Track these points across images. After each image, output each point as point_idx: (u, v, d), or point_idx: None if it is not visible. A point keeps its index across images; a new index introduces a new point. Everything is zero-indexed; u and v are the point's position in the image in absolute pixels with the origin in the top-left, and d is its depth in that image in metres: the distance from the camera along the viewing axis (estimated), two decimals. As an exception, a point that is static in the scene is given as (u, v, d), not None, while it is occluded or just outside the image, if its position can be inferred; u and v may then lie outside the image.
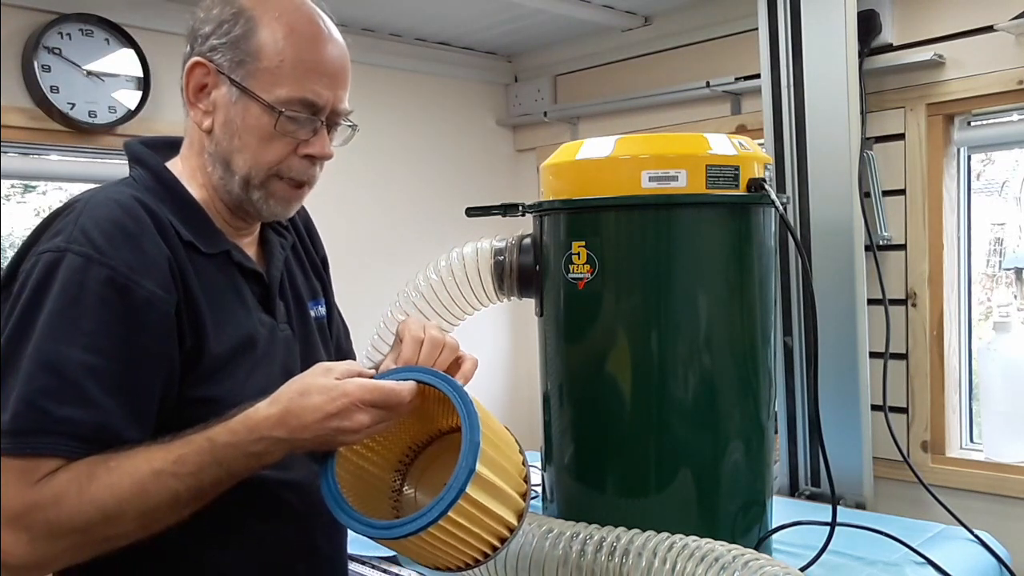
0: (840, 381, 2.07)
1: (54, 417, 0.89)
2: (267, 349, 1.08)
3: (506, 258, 1.49)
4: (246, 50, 1.02)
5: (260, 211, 1.09)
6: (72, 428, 0.89)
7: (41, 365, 0.90)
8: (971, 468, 2.15)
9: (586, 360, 1.43)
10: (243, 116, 1.03)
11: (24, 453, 0.88)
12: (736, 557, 1.14)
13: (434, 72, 2.96)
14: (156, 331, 0.95)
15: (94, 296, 0.92)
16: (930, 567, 1.50)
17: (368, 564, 1.59)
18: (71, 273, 0.92)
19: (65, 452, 0.89)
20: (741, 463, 1.41)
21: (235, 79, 1.02)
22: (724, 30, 2.54)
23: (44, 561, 0.90)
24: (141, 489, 0.90)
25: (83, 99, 2.14)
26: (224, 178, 1.06)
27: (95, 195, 0.99)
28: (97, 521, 0.89)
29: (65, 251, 0.93)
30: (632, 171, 1.33)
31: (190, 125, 1.08)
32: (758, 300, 1.41)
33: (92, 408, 0.90)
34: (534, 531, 1.32)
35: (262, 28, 1.02)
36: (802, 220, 2.11)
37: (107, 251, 0.93)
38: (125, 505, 0.90)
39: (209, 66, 1.03)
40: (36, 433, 0.88)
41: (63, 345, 0.90)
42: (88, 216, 0.95)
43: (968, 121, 2.18)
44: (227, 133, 1.04)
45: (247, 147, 1.04)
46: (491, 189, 3.07)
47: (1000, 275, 2.37)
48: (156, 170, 1.07)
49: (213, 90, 1.04)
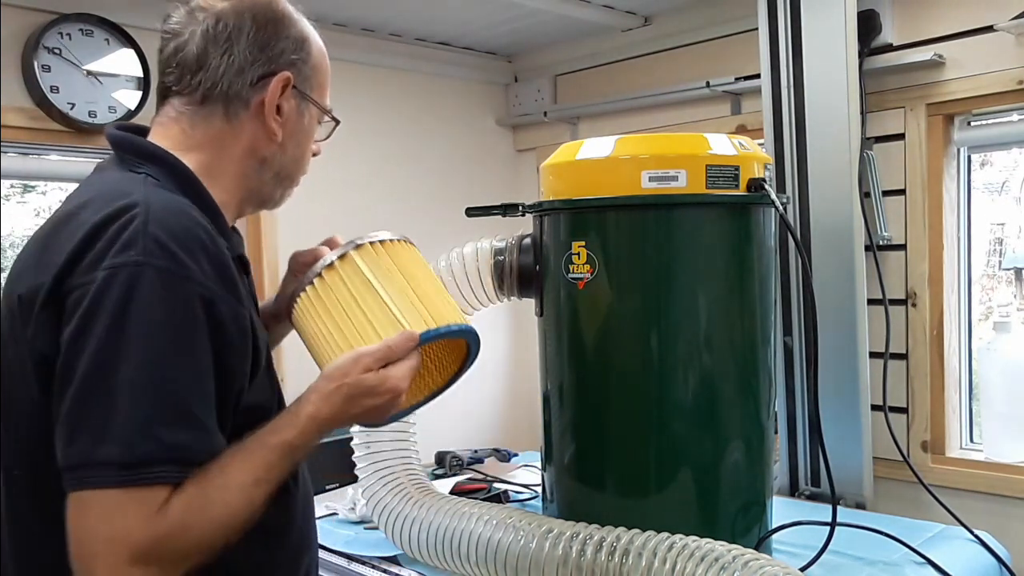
0: (840, 381, 2.07)
1: (167, 444, 0.86)
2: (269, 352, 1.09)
3: (506, 258, 1.49)
4: (311, 67, 1.10)
5: (280, 203, 1.15)
6: (185, 454, 0.87)
7: (145, 390, 0.86)
8: (971, 468, 2.15)
9: (586, 360, 1.43)
10: (308, 127, 1.11)
11: (140, 483, 0.84)
12: (736, 557, 1.14)
13: (434, 72, 2.96)
14: (238, 345, 0.94)
15: (183, 313, 0.88)
16: (930, 567, 1.50)
17: (368, 564, 1.59)
18: (157, 290, 0.87)
19: (178, 479, 0.87)
20: (741, 463, 1.41)
21: (308, 93, 1.09)
22: (724, 30, 2.54)
23: None
24: (248, 501, 0.91)
25: (83, 99, 2.14)
26: (270, 183, 1.10)
27: (152, 201, 0.93)
28: (219, 538, 0.90)
29: (144, 265, 0.87)
30: (632, 171, 1.33)
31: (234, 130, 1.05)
32: (758, 300, 1.41)
33: (201, 432, 0.89)
34: (534, 531, 1.32)
35: (314, 49, 1.11)
36: (802, 220, 2.11)
37: (189, 265, 0.89)
38: (238, 519, 0.91)
39: (292, 80, 1.07)
40: (153, 463, 0.85)
41: (163, 368, 0.87)
42: (159, 226, 0.90)
43: (968, 121, 2.18)
44: (293, 142, 1.09)
45: (304, 154, 1.12)
46: (491, 189, 3.06)
47: (1000, 275, 2.37)
48: (182, 171, 1.02)
49: (284, 103, 1.07)
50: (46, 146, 2.17)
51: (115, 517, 0.84)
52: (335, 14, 2.59)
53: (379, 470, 1.55)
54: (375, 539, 1.66)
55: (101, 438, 0.84)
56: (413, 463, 1.58)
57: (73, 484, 0.85)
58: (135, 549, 0.84)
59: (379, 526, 1.57)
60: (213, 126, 1.05)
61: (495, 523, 1.37)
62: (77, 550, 0.85)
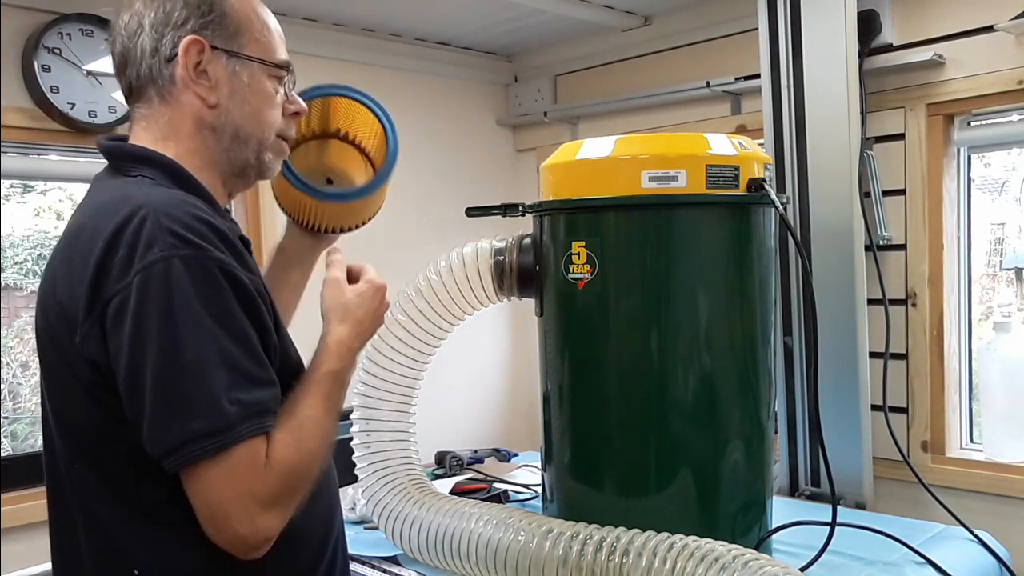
0: (840, 381, 2.07)
1: (245, 403, 0.96)
2: None
3: (506, 258, 1.49)
4: (235, 24, 1.10)
5: (266, 171, 1.18)
6: (263, 407, 0.98)
7: (210, 365, 0.95)
8: (971, 468, 2.15)
9: (586, 360, 1.43)
10: (250, 83, 1.11)
11: (237, 443, 0.94)
12: (736, 557, 1.14)
13: (434, 72, 2.96)
14: (262, 307, 1.03)
15: (217, 290, 0.97)
16: (930, 567, 1.50)
17: (368, 564, 1.59)
18: (185, 275, 0.95)
19: (264, 430, 0.98)
20: (741, 463, 1.41)
21: (233, 51, 1.09)
22: (724, 30, 2.54)
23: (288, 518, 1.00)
24: (325, 430, 1.05)
25: (83, 99, 2.14)
26: (232, 148, 1.12)
27: (153, 201, 1.00)
28: (315, 468, 1.03)
29: (170, 257, 0.95)
30: (632, 171, 1.33)
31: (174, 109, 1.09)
32: (758, 300, 1.41)
33: (266, 384, 0.99)
34: (534, 531, 1.32)
35: (233, 4, 1.11)
36: (802, 220, 2.11)
37: (204, 246, 0.97)
38: (324, 447, 1.04)
39: (204, 43, 1.07)
40: (240, 423, 0.95)
41: (217, 341, 0.96)
42: (168, 220, 0.97)
43: (968, 121, 2.18)
44: (236, 102, 1.10)
45: (257, 112, 1.12)
46: (491, 189, 3.06)
47: (1000, 275, 2.37)
48: (170, 166, 1.08)
49: (208, 66, 1.08)
50: (46, 146, 2.17)
51: (235, 481, 0.94)
52: (335, 14, 2.60)
53: (379, 470, 1.55)
54: (375, 539, 1.66)
55: (191, 417, 0.93)
56: (413, 463, 1.58)
57: (182, 463, 0.94)
58: (260, 498, 0.96)
59: (379, 526, 1.57)
60: (158, 113, 1.10)
61: (495, 523, 1.37)
62: (209, 518, 0.95)
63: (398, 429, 1.56)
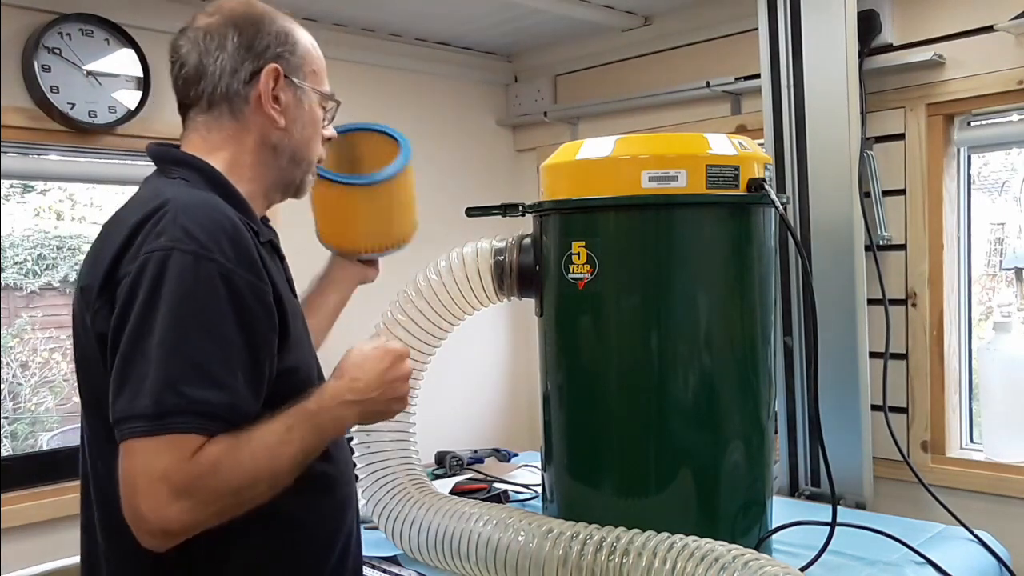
0: (840, 381, 2.07)
1: (191, 399, 0.99)
2: (304, 324, 1.24)
3: (506, 258, 1.49)
4: (302, 56, 1.22)
5: (303, 190, 1.29)
6: (207, 408, 1.00)
7: (171, 354, 1.00)
8: (971, 468, 2.14)
9: (586, 360, 1.43)
10: (309, 111, 1.23)
11: (169, 431, 0.98)
12: (736, 557, 1.14)
13: (434, 72, 2.96)
14: (259, 316, 1.07)
15: (205, 287, 1.02)
16: (930, 567, 1.50)
17: (368, 564, 1.59)
18: (181, 269, 1.02)
19: (203, 430, 1.00)
20: (741, 463, 1.41)
21: (301, 80, 1.22)
22: (724, 30, 2.54)
23: (198, 526, 1.01)
24: (271, 455, 1.05)
25: (83, 99, 2.14)
26: (287, 167, 1.23)
27: (177, 198, 1.08)
28: (245, 485, 1.03)
29: (172, 249, 1.02)
30: (632, 171, 1.33)
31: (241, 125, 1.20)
32: (758, 300, 1.41)
33: (221, 389, 1.02)
34: (534, 531, 1.32)
35: (300, 37, 1.23)
36: (802, 220, 2.11)
37: (210, 247, 1.03)
38: (262, 471, 1.04)
39: (280, 71, 1.19)
40: (180, 414, 0.99)
41: (187, 335, 1.01)
42: (186, 216, 1.05)
43: (968, 121, 2.18)
44: (298, 127, 1.22)
45: (311, 138, 1.25)
46: (491, 189, 3.06)
47: (1000, 275, 2.37)
48: (209, 171, 1.17)
49: (280, 92, 1.20)
50: (46, 146, 2.17)
51: (153, 460, 0.98)
52: (335, 14, 2.59)
53: (379, 470, 1.55)
54: (375, 539, 1.66)
55: (137, 395, 0.99)
56: (413, 463, 1.58)
57: (120, 436, 0.99)
58: (173, 486, 0.98)
59: (379, 526, 1.57)
60: (225, 126, 1.19)
61: (495, 523, 1.37)
62: (125, 492, 0.99)
63: (398, 429, 1.56)
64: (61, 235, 2.90)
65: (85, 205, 2.98)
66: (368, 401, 1.15)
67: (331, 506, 1.22)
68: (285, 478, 1.07)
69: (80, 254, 3.41)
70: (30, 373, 2.56)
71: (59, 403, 3.03)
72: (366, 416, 1.17)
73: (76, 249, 2.88)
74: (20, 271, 2.58)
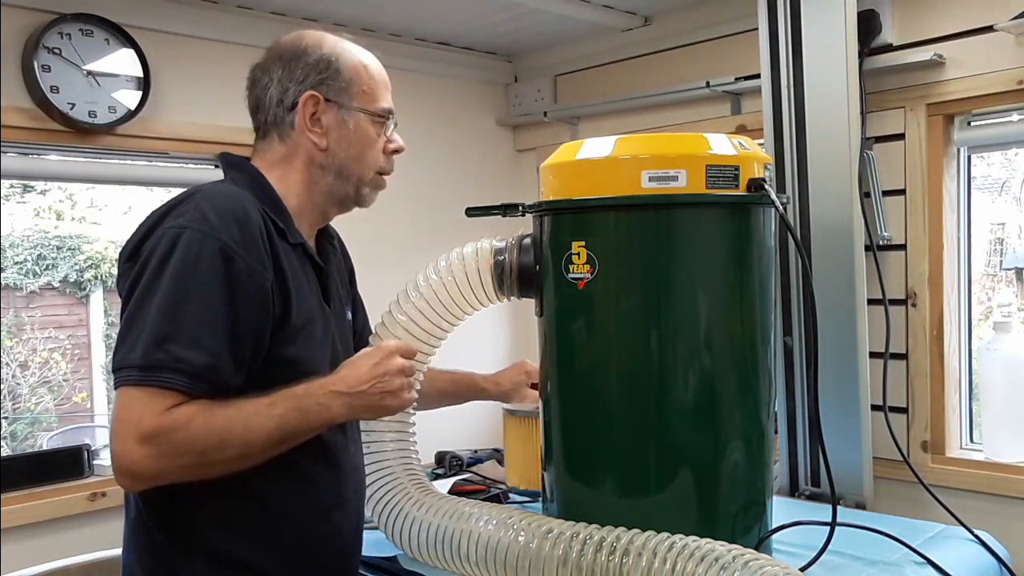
0: (840, 381, 2.07)
1: (175, 356, 1.12)
2: (325, 330, 1.34)
3: (506, 258, 1.49)
4: (346, 79, 1.34)
5: (364, 202, 1.42)
6: (188, 367, 1.12)
7: (165, 315, 1.13)
8: (971, 468, 2.14)
9: (586, 360, 1.43)
10: (355, 129, 1.35)
11: (152, 384, 1.11)
12: (736, 557, 1.14)
13: (434, 72, 2.96)
14: (253, 296, 1.18)
15: (207, 263, 1.15)
16: (930, 567, 1.50)
17: (368, 564, 1.59)
18: (189, 244, 1.15)
19: (183, 386, 1.12)
20: (741, 463, 1.41)
21: (343, 103, 1.33)
22: (724, 30, 2.54)
23: (163, 474, 1.13)
24: (245, 424, 1.15)
25: (83, 99, 2.14)
26: (335, 183, 1.36)
27: (209, 188, 1.24)
28: (212, 446, 1.13)
29: (186, 228, 1.17)
30: (632, 171, 1.33)
31: (290, 147, 1.34)
32: (758, 300, 1.41)
33: (204, 352, 1.13)
34: (534, 531, 1.32)
35: (348, 63, 1.35)
36: (802, 220, 2.11)
37: (219, 228, 1.17)
38: (233, 436, 1.14)
39: (319, 97, 1.32)
40: (162, 369, 1.11)
41: (182, 301, 1.13)
42: (205, 202, 1.19)
43: (968, 121, 2.18)
44: (343, 146, 1.34)
45: (360, 155, 1.36)
46: (491, 189, 3.06)
47: (1000, 275, 2.37)
48: (253, 174, 1.32)
49: (322, 116, 1.33)
50: (46, 146, 2.17)
51: (132, 406, 1.11)
52: (335, 14, 2.59)
53: (379, 470, 1.55)
54: (375, 539, 1.66)
55: (133, 348, 1.13)
56: (413, 463, 1.58)
57: (115, 383, 1.13)
58: (143, 432, 1.10)
59: (379, 526, 1.57)
60: (276, 149, 1.35)
61: (495, 523, 1.37)
62: (110, 433, 1.13)
63: (398, 429, 1.56)
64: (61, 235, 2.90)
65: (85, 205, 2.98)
66: (357, 394, 1.22)
67: (309, 500, 1.31)
68: (258, 449, 1.17)
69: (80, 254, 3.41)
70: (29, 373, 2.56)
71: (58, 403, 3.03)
72: (357, 410, 1.24)
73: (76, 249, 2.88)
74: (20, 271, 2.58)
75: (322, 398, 1.20)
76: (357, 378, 1.23)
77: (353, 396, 1.22)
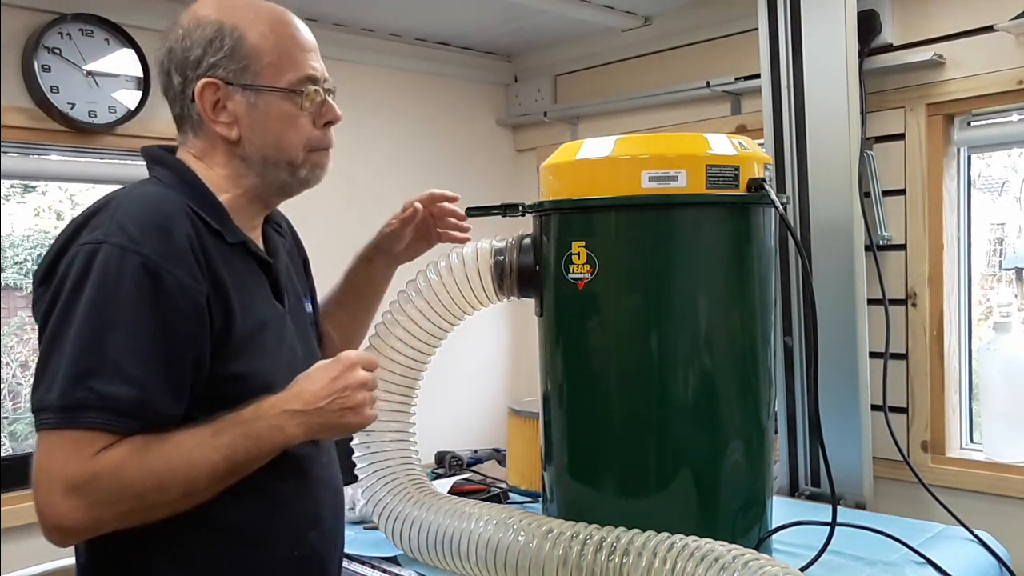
0: (840, 381, 2.07)
1: (99, 394, 0.98)
2: (279, 334, 1.19)
3: (506, 258, 1.49)
4: (245, 55, 1.13)
5: (308, 183, 1.21)
6: (116, 404, 0.99)
7: (85, 347, 0.99)
8: (971, 468, 2.14)
9: (586, 360, 1.43)
10: (267, 111, 1.15)
11: (75, 426, 0.98)
12: (736, 557, 1.14)
13: (434, 72, 2.96)
14: (186, 314, 1.04)
15: (129, 282, 1.01)
16: (930, 567, 1.50)
17: (368, 564, 1.59)
18: (108, 262, 1.01)
19: (111, 427, 0.99)
20: (741, 463, 1.41)
21: (247, 83, 1.13)
22: (724, 30, 2.53)
23: (97, 526, 1.01)
24: (187, 460, 1.02)
25: (83, 99, 2.14)
26: (264, 172, 1.18)
27: (128, 192, 1.09)
28: (151, 488, 1.01)
29: (102, 243, 1.02)
30: (632, 171, 1.33)
31: (206, 141, 1.17)
32: (758, 300, 1.41)
33: (132, 385, 1.00)
34: (534, 531, 1.32)
35: (247, 32, 1.13)
36: (802, 220, 2.11)
37: (140, 241, 1.02)
38: (174, 474, 1.01)
39: (218, 83, 1.13)
40: (84, 409, 0.98)
41: (104, 328, 1.00)
42: (122, 211, 1.05)
43: (968, 121, 2.18)
44: (257, 132, 1.15)
45: (280, 136, 1.16)
46: (491, 189, 3.06)
47: (1000, 275, 2.37)
48: (179, 169, 1.16)
49: (227, 102, 1.14)
50: (46, 146, 2.17)
51: (55, 454, 0.98)
52: (335, 14, 2.59)
53: (379, 470, 1.55)
54: (375, 539, 1.66)
55: (50, 387, 0.99)
56: (413, 463, 1.58)
57: (36, 426, 1.00)
58: (68, 482, 0.97)
59: (379, 526, 1.56)
60: (195, 144, 1.19)
61: (495, 523, 1.37)
62: (33, 484, 0.99)
63: (398, 429, 1.56)
64: (61, 235, 2.90)
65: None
66: (315, 412, 1.07)
67: (281, 523, 1.16)
68: (204, 485, 1.03)
69: (80, 254, 3.41)
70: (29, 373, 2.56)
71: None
72: (315, 429, 1.09)
73: (76, 249, 2.87)
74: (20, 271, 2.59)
75: (274, 419, 1.05)
76: (314, 394, 1.07)
77: (310, 414, 1.07)
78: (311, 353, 1.26)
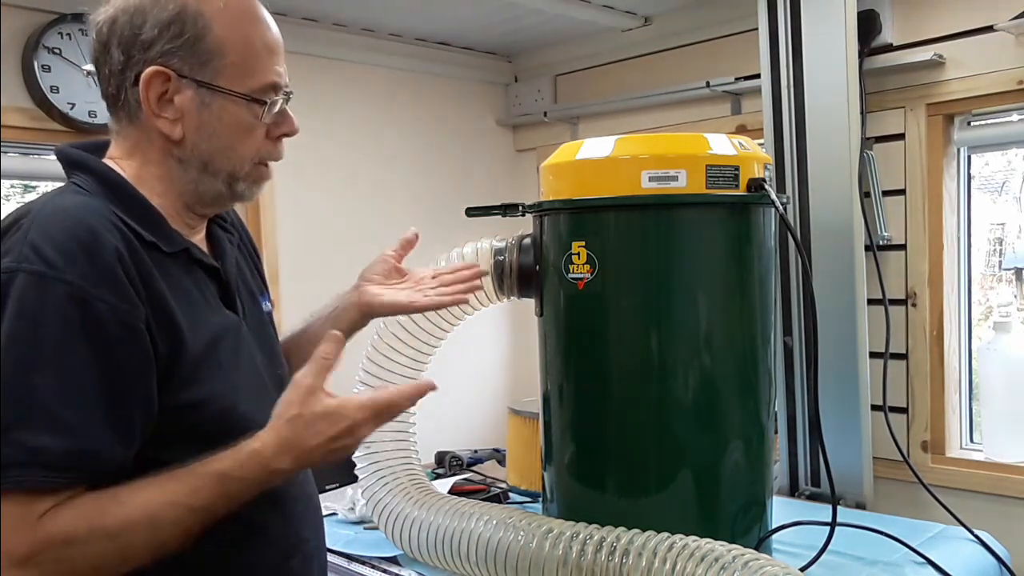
0: (840, 381, 2.07)
1: (28, 448, 0.84)
2: (235, 345, 1.06)
3: (506, 258, 1.49)
4: (207, 49, 0.99)
5: (241, 198, 1.08)
6: (45, 458, 0.85)
7: (9, 395, 0.85)
8: (971, 468, 2.14)
9: (586, 360, 1.43)
10: (220, 115, 1.01)
11: (8, 488, 0.84)
12: (736, 557, 1.14)
13: (434, 72, 2.96)
14: (124, 344, 0.90)
15: (54, 315, 0.87)
16: (930, 567, 1.50)
17: (368, 564, 1.59)
18: (26, 293, 0.86)
19: (47, 483, 0.85)
20: (741, 463, 1.41)
21: (203, 80, 0.99)
22: (724, 30, 2.53)
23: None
24: (152, 520, 0.89)
25: (83, 99, 2.14)
26: (200, 179, 1.03)
27: (43, 206, 0.93)
28: (111, 553, 0.88)
29: (16, 271, 0.87)
30: (632, 171, 1.33)
31: (141, 133, 1.02)
32: (758, 300, 1.41)
33: (66, 434, 0.86)
34: (534, 531, 1.32)
35: (214, 22, 0.99)
36: (802, 220, 2.11)
37: (61, 266, 0.87)
38: (137, 536, 0.89)
39: (170, 73, 0.98)
40: (16, 466, 0.84)
41: (30, 371, 0.85)
42: (37, 231, 0.89)
43: (968, 121, 2.18)
44: (204, 136, 1.01)
45: (229, 145, 1.02)
46: (491, 189, 3.06)
47: (1000, 275, 2.37)
48: (102, 173, 1.00)
49: (175, 96, 0.99)
50: (46, 146, 2.17)
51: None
52: (335, 14, 2.59)
53: (379, 470, 1.55)
54: (375, 539, 1.66)
55: None
56: (413, 463, 1.58)
57: None
58: (12, 556, 0.84)
59: (379, 526, 1.57)
60: (129, 134, 1.03)
61: (495, 523, 1.37)
62: None
63: (398, 429, 1.56)
64: (61, 235, 2.90)
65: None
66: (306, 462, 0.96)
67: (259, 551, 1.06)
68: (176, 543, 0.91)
69: (80, 254, 3.40)
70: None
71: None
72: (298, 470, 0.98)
73: (76, 249, 2.87)
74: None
75: (259, 477, 0.93)
76: (309, 452, 0.94)
77: (301, 465, 0.96)
78: (272, 356, 1.15)
